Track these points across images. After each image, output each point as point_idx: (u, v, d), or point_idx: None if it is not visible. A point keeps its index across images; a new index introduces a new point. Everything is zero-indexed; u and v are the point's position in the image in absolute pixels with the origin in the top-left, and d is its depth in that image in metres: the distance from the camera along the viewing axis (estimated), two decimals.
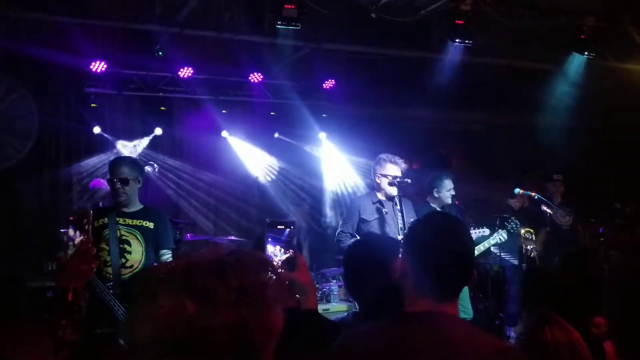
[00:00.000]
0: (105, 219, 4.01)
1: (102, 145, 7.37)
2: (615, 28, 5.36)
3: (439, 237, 1.74)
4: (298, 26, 4.68)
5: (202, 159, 8.18)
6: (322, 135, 8.64)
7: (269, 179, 8.54)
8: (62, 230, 5.45)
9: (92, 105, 7.28)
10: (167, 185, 7.72)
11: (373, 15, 5.13)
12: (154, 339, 0.86)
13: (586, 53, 5.86)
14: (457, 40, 5.15)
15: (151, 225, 4.12)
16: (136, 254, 4.05)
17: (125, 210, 4.10)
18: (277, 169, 8.60)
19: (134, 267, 4.05)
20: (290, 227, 1.90)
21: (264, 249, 1.88)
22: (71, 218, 2.12)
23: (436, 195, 5.66)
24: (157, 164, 6.77)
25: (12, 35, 6.28)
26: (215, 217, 7.95)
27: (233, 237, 6.72)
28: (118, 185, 4.04)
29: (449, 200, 5.75)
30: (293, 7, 4.38)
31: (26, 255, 6.30)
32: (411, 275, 1.75)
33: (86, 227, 2.09)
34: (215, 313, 0.87)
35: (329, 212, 8.51)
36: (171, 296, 0.88)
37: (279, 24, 4.62)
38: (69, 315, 1.92)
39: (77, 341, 1.93)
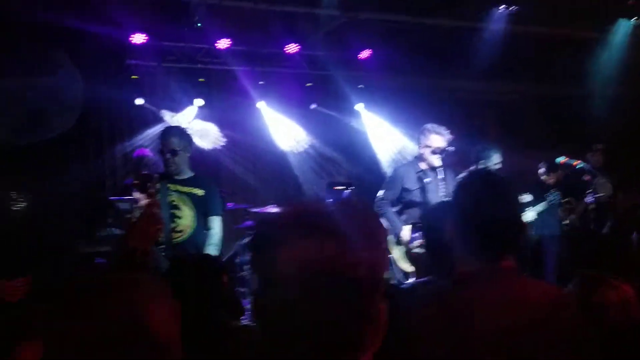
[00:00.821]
0: (158, 185, 4.16)
1: (144, 116, 7.51)
2: None
3: (483, 196, 1.76)
4: None
5: (239, 130, 8.27)
6: (360, 106, 8.64)
7: (297, 151, 8.58)
8: (111, 198, 5.65)
9: (132, 77, 7.41)
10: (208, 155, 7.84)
11: None
12: (295, 280, 0.93)
13: (635, 18, 5.68)
14: (501, 7, 5.06)
15: (201, 192, 4.30)
16: (186, 219, 4.24)
17: (176, 177, 4.25)
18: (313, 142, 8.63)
19: (184, 231, 4.26)
20: (349, 188, 1.96)
21: None
22: (136, 182, 2.22)
23: (482, 167, 5.61)
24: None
25: (55, 9, 6.40)
26: (255, 187, 8.07)
27: (273, 207, 6.83)
28: (168, 155, 4.19)
29: None
30: None
31: (75, 222, 6.51)
32: (463, 236, 1.78)
33: (151, 190, 2.18)
34: (351, 253, 0.94)
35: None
36: (310, 239, 0.94)
37: None
38: None
39: None
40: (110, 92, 7.19)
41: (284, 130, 8.52)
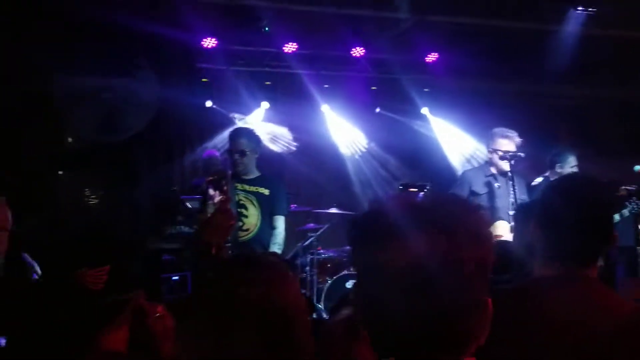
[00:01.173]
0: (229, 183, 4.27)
1: (213, 118, 7.70)
2: None
3: (574, 200, 1.70)
4: None
5: (304, 133, 8.34)
6: (425, 110, 8.55)
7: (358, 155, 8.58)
8: (182, 197, 5.80)
9: (203, 80, 7.61)
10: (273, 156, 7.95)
11: None
12: (404, 274, 0.94)
13: None
14: (579, 8, 4.90)
15: (267, 191, 4.39)
16: (252, 217, 4.34)
17: (244, 177, 4.35)
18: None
19: (250, 230, 4.36)
20: (424, 190, 1.94)
21: None
22: (210, 178, 2.28)
23: (558, 171, 5.48)
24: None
25: (130, 12, 6.66)
26: (318, 189, 8.12)
27: (335, 210, 6.85)
28: (236, 156, 4.32)
29: None
30: None
31: (145, 219, 6.75)
32: (545, 240, 1.73)
33: (225, 187, 2.24)
34: (461, 248, 0.95)
35: None
36: (423, 231, 0.96)
37: None
38: None
39: None
40: (181, 95, 7.40)
41: (347, 134, 8.53)
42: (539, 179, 5.78)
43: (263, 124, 7.96)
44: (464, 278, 0.95)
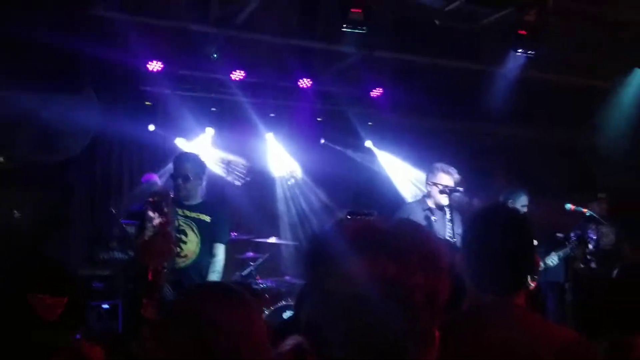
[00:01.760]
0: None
1: (156, 142, 7.56)
2: None
3: (499, 229, 1.74)
4: (364, 30, 4.73)
5: (248, 160, 8.30)
6: (369, 143, 8.68)
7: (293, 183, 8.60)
8: (122, 221, 5.61)
9: (146, 103, 7.48)
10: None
11: (437, 22, 5.16)
12: (352, 297, 0.91)
13: None
14: (519, 51, 5.13)
15: (208, 218, 4.30)
16: (191, 244, 4.23)
17: (185, 202, 4.26)
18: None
19: (188, 256, 4.24)
20: (370, 216, 1.95)
21: None
22: (151, 200, 2.21)
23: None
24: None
25: (73, 33, 6.50)
26: (258, 218, 8.04)
27: (275, 240, 6.80)
28: (179, 181, 4.23)
29: None
30: (359, 10, 4.43)
31: (78, 245, 6.49)
32: (473, 269, 1.75)
33: (165, 209, 2.18)
34: (411, 276, 0.92)
35: None
36: (371, 257, 0.93)
37: (344, 27, 4.67)
38: (150, 294, 1.99)
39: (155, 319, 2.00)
40: (123, 117, 7.25)
41: (289, 164, 8.53)
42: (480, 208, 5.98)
43: (215, 151, 7.87)
44: (411, 307, 0.92)
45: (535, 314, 1.73)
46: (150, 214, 2.16)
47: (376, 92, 8.28)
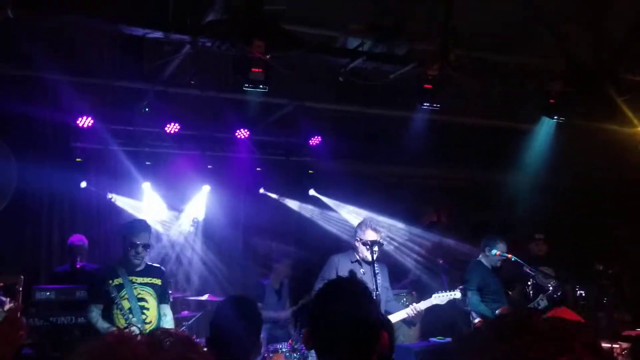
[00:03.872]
0: (120, 278, 4.16)
1: (88, 200, 7.39)
2: (587, 89, 5.49)
3: (333, 304, 1.71)
4: (265, 89, 4.77)
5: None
6: (312, 191, 8.69)
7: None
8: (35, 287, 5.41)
9: (77, 159, 7.33)
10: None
11: (341, 78, 5.25)
12: None
13: (555, 117, 5.94)
14: (425, 104, 5.26)
15: (159, 281, 4.37)
16: (153, 309, 4.31)
17: (136, 269, 4.25)
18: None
19: (152, 322, 4.27)
20: None
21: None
22: (1, 284, 2.11)
23: (487, 254, 6.07)
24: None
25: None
26: (195, 275, 7.90)
27: (208, 297, 6.65)
28: (140, 249, 4.19)
29: (498, 264, 5.98)
30: (260, 70, 4.47)
31: None
32: (316, 347, 1.72)
33: (17, 293, 2.08)
34: None
35: None
36: None
37: (245, 87, 4.72)
38: None
39: None
40: (53, 175, 7.09)
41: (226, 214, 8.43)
42: (473, 264, 6.12)
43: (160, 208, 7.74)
44: None
45: None
46: (2, 298, 2.07)
47: (315, 141, 8.30)
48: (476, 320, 5.94)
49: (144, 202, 7.77)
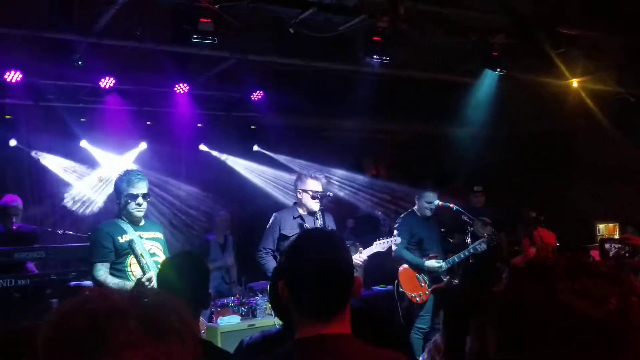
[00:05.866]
0: (127, 234, 3.91)
1: (19, 158, 7.03)
2: (526, 43, 5.64)
3: (309, 251, 1.70)
4: (215, 40, 4.61)
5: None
6: (256, 147, 8.62)
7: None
8: None
9: (7, 117, 6.94)
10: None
11: (291, 30, 5.16)
12: None
13: (498, 70, 6.10)
14: (374, 57, 5.25)
15: (161, 235, 4.16)
16: None
17: (139, 224, 4.04)
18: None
19: None
20: None
21: None
22: None
23: (417, 203, 6.17)
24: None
25: None
26: None
27: None
28: (140, 200, 3.95)
29: (428, 213, 6.02)
30: (209, 20, 4.31)
31: None
32: (294, 298, 1.72)
33: None
34: None
35: None
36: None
37: (194, 38, 4.54)
38: None
39: None
40: None
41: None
42: (404, 213, 6.21)
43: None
44: None
45: (359, 342, 1.71)
46: None
47: (257, 96, 8.18)
48: (401, 268, 6.10)
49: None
